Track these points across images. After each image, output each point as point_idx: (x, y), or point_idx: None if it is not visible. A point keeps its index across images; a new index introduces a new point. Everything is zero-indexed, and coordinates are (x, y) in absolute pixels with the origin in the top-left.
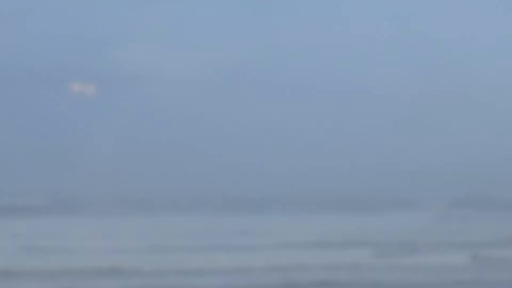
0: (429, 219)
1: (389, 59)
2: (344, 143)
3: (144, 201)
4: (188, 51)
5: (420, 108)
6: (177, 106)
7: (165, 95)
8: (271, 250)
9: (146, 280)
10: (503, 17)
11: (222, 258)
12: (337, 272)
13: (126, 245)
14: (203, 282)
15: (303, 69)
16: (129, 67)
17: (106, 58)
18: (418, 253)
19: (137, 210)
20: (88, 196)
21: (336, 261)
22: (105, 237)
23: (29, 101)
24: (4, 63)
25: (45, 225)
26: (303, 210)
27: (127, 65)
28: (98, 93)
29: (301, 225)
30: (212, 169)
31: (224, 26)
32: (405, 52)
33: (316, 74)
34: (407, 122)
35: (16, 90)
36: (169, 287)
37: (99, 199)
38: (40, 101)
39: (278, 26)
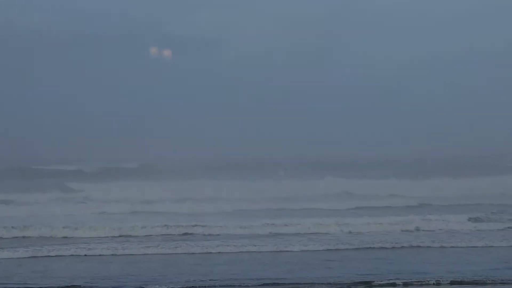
0: None
1: None
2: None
3: (230, 165)
4: (263, 16)
5: None
6: (252, 70)
7: (239, 59)
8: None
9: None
10: None
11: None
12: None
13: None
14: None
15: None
16: (205, 32)
17: (183, 23)
18: None
19: (228, 174)
20: (173, 160)
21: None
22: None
23: (109, 65)
24: (84, 28)
25: (143, 187)
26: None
27: (203, 30)
28: (175, 57)
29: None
30: (293, 132)
31: None
32: None
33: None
34: None
35: (95, 54)
36: None
37: (183, 162)
38: (119, 64)
39: None
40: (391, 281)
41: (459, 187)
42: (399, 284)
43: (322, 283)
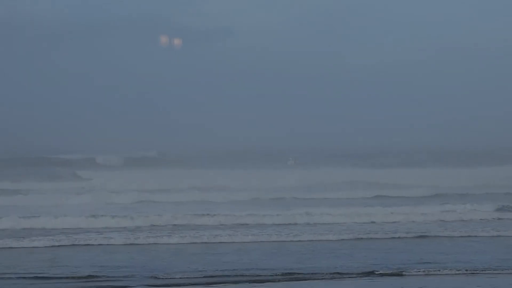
0: None
1: None
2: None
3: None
4: (271, 4)
5: None
6: (260, 58)
7: (247, 48)
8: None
9: None
10: None
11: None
12: None
13: None
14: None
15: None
16: (214, 21)
17: (192, 12)
18: None
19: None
20: (185, 150)
21: None
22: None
23: (122, 53)
24: (96, 17)
25: (156, 177)
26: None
27: (212, 19)
28: (184, 45)
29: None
30: (307, 122)
31: None
32: None
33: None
34: None
35: (108, 43)
36: None
37: (195, 152)
38: (131, 53)
39: None
40: (397, 271)
41: (476, 177)
42: (403, 274)
43: (325, 273)
